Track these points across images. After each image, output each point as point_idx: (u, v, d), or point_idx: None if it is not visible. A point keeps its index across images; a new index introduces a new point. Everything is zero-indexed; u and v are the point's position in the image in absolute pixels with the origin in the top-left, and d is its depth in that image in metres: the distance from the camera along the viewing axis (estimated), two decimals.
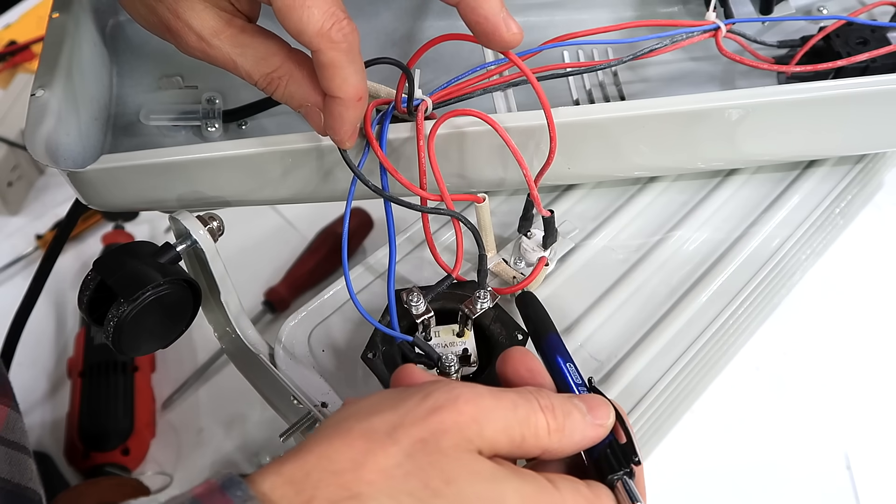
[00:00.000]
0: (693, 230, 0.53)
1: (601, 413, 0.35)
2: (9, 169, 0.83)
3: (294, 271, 0.78)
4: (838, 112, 0.48)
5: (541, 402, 0.34)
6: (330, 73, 0.37)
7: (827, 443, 0.65)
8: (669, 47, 0.48)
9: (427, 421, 0.32)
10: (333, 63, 0.37)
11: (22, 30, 0.94)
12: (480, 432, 0.32)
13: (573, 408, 0.35)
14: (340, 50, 0.36)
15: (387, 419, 0.32)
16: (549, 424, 0.34)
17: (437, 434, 0.31)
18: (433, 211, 0.42)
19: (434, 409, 0.32)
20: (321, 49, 0.36)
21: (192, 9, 0.38)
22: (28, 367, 0.73)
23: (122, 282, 0.39)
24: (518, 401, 0.34)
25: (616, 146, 0.47)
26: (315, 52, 0.37)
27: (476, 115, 0.41)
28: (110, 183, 0.44)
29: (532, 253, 0.49)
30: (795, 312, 0.69)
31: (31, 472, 0.45)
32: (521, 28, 0.38)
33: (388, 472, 0.31)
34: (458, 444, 0.32)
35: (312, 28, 0.36)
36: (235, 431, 0.70)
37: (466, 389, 0.33)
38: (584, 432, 0.35)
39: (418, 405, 0.32)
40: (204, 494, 0.31)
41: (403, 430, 0.31)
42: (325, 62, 0.37)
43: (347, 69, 0.37)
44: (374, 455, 0.31)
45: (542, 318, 0.42)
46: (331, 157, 0.44)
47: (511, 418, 0.33)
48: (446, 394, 0.33)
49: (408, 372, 0.37)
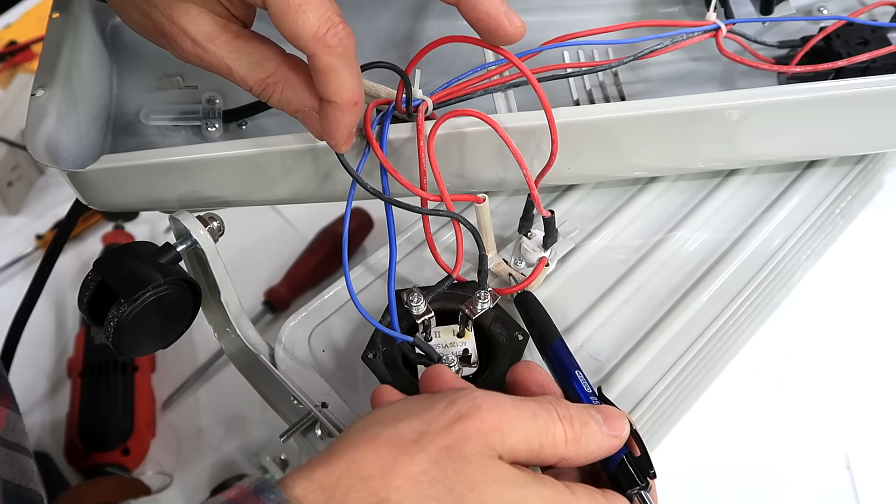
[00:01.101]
0: (693, 230, 0.53)
1: (617, 424, 0.36)
2: (9, 169, 0.83)
3: (294, 271, 0.78)
4: (839, 112, 0.48)
5: (559, 413, 0.35)
6: (325, 78, 0.37)
7: (827, 443, 0.65)
8: (670, 48, 0.48)
9: (451, 429, 0.33)
10: (329, 68, 0.36)
11: (22, 30, 0.94)
12: (502, 440, 0.33)
13: (590, 419, 0.36)
14: (336, 55, 0.36)
15: (413, 426, 0.33)
16: (567, 434, 0.35)
17: (461, 441, 0.33)
18: (433, 212, 0.42)
19: (458, 417, 0.33)
20: (317, 53, 0.36)
21: (186, 13, 0.38)
22: (28, 367, 0.73)
23: (123, 282, 0.39)
24: (538, 410, 0.35)
25: (616, 147, 0.47)
26: (311, 57, 0.36)
27: (476, 115, 0.41)
28: (110, 183, 0.44)
29: (532, 253, 0.49)
30: (795, 312, 0.69)
31: (31, 472, 0.45)
32: (524, 21, 0.38)
33: (415, 479, 0.32)
34: (481, 451, 0.33)
35: (308, 32, 0.35)
36: (235, 431, 0.70)
37: (489, 398, 0.34)
38: (600, 443, 0.36)
39: (443, 413, 0.34)
40: (238, 498, 0.32)
41: (429, 438, 0.33)
42: (320, 67, 0.36)
43: (343, 73, 0.37)
44: (402, 462, 0.32)
45: (545, 321, 0.43)
46: (331, 157, 0.44)
47: (531, 427, 0.34)
48: (469, 402, 0.34)
49: (438, 372, 0.38)
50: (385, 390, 0.39)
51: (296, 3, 0.35)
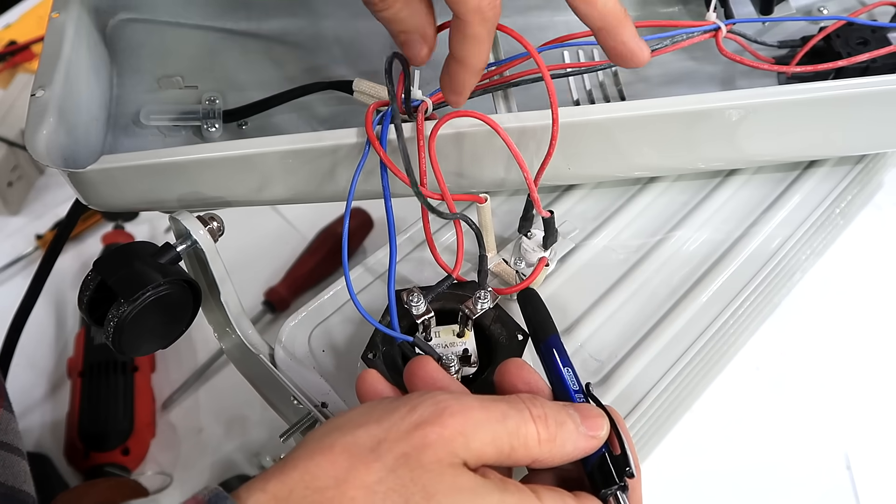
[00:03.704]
0: (693, 230, 0.53)
1: (595, 424, 0.35)
2: (9, 169, 0.83)
3: (294, 271, 0.78)
4: (839, 112, 0.48)
5: (533, 412, 0.34)
6: (471, 44, 0.39)
7: (827, 443, 0.65)
8: (670, 48, 0.48)
9: (411, 435, 0.32)
10: (477, 37, 0.38)
11: (22, 30, 0.94)
12: (467, 445, 0.32)
13: (567, 418, 0.35)
14: (487, 28, 0.38)
15: (371, 433, 0.32)
16: (541, 434, 0.34)
17: (420, 449, 0.32)
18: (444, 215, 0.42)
19: (419, 423, 0.32)
20: (472, 22, 0.38)
21: None
22: (28, 367, 0.73)
23: (123, 282, 0.39)
24: (509, 411, 0.34)
25: (616, 147, 0.47)
26: (464, 24, 0.38)
27: (476, 116, 0.41)
28: (110, 183, 0.44)
29: (532, 253, 0.49)
30: (795, 312, 0.69)
31: (24, 473, 0.45)
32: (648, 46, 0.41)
33: (370, 488, 0.31)
34: (440, 459, 0.32)
35: (473, 3, 0.37)
36: (235, 431, 0.70)
37: (454, 402, 0.33)
38: (576, 443, 0.35)
39: (403, 419, 0.32)
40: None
41: (387, 445, 0.32)
42: (470, 34, 0.38)
43: (486, 44, 0.39)
44: (357, 471, 0.31)
45: (543, 317, 0.42)
46: (331, 157, 0.44)
47: (500, 430, 0.33)
48: (432, 406, 0.33)
49: (420, 364, 0.37)
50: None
51: None
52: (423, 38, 0.40)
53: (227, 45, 0.55)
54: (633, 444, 0.36)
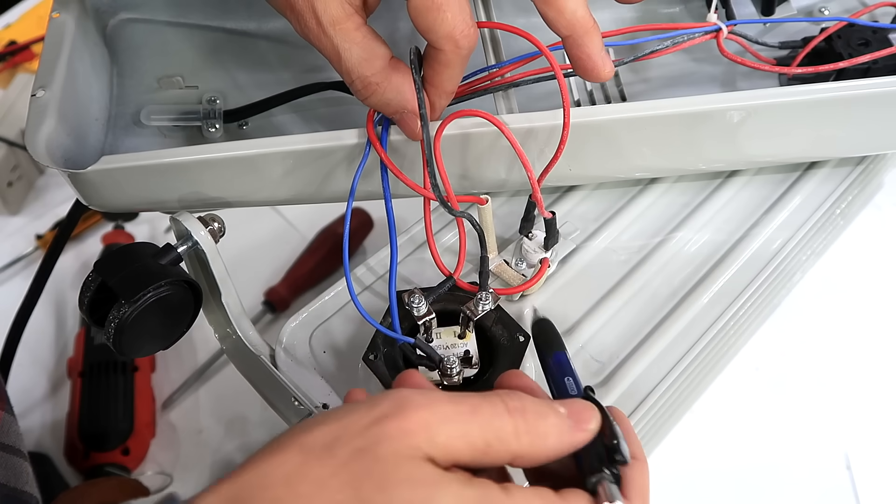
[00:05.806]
0: (694, 231, 0.53)
1: (583, 416, 0.33)
2: (9, 169, 0.83)
3: (294, 271, 0.78)
4: (840, 114, 0.48)
5: (509, 405, 0.32)
6: (442, 69, 0.40)
7: (827, 443, 0.65)
8: (671, 49, 0.48)
9: (368, 430, 0.31)
10: (450, 64, 0.39)
11: (22, 30, 0.93)
12: (431, 439, 0.30)
13: (549, 410, 0.33)
14: (460, 55, 0.39)
15: (328, 430, 0.31)
16: (519, 427, 0.32)
17: (377, 443, 0.30)
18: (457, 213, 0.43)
19: (378, 418, 0.31)
20: (445, 50, 0.39)
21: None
22: (28, 367, 0.72)
23: (123, 283, 0.39)
24: (481, 405, 0.32)
25: (617, 147, 0.47)
26: (437, 51, 0.39)
27: (483, 115, 0.41)
28: (110, 183, 0.44)
29: (534, 254, 0.49)
30: (795, 313, 0.69)
31: (27, 475, 0.45)
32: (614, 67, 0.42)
33: (321, 483, 0.30)
34: (397, 451, 0.30)
35: (444, 30, 0.38)
36: (235, 431, 0.70)
37: (419, 396, 0.31)
38: (560, 436, 0.32)
39: (363, 416, 0.31)
40: None
41: (343, 441, 0.30)
42: (443, 60, 0.39)
43: (457, 70, 0.40)
44: (310, 467, 0.30)
45: (551, 337, 0.40)
46: (332, 157, 0.44)
47: (471, 424, 0.31)
48: (395, 402, 0.31)
49: (407, 376, 0.36)
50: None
51: (438, 1, 0.37)
52: (415, 115, 0.41)
53: (228, 45, 0.55)
54: (633, 434, 0.35)
